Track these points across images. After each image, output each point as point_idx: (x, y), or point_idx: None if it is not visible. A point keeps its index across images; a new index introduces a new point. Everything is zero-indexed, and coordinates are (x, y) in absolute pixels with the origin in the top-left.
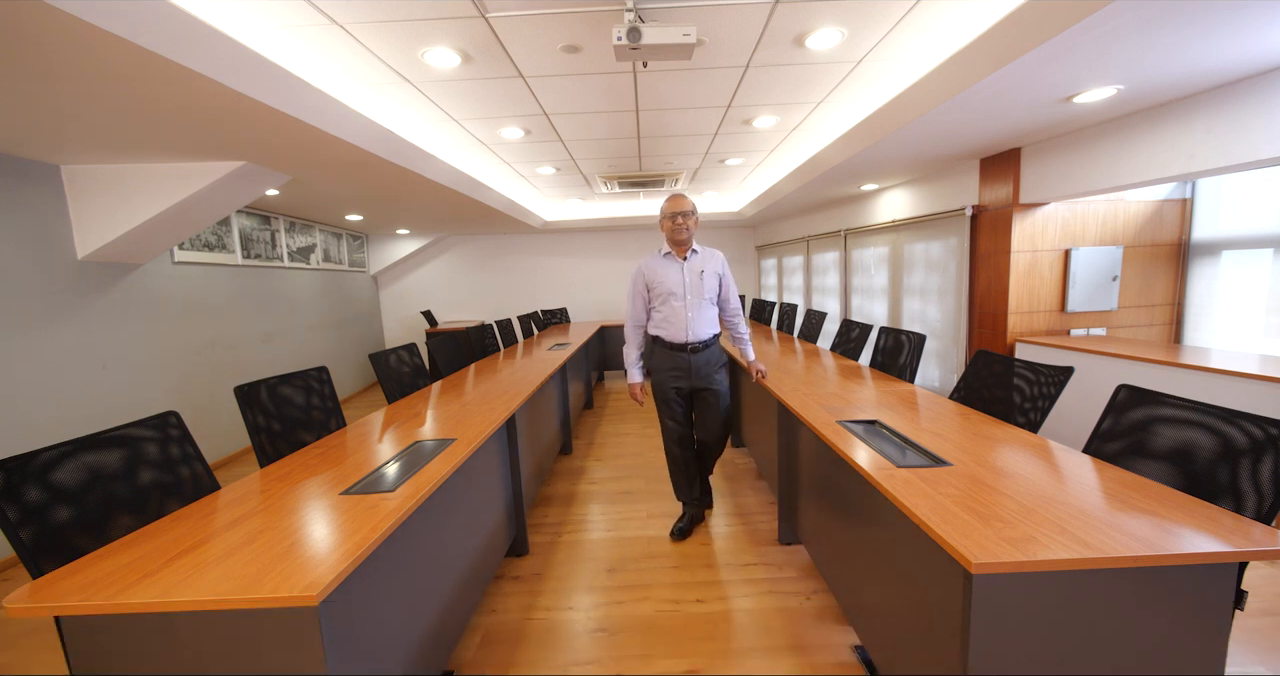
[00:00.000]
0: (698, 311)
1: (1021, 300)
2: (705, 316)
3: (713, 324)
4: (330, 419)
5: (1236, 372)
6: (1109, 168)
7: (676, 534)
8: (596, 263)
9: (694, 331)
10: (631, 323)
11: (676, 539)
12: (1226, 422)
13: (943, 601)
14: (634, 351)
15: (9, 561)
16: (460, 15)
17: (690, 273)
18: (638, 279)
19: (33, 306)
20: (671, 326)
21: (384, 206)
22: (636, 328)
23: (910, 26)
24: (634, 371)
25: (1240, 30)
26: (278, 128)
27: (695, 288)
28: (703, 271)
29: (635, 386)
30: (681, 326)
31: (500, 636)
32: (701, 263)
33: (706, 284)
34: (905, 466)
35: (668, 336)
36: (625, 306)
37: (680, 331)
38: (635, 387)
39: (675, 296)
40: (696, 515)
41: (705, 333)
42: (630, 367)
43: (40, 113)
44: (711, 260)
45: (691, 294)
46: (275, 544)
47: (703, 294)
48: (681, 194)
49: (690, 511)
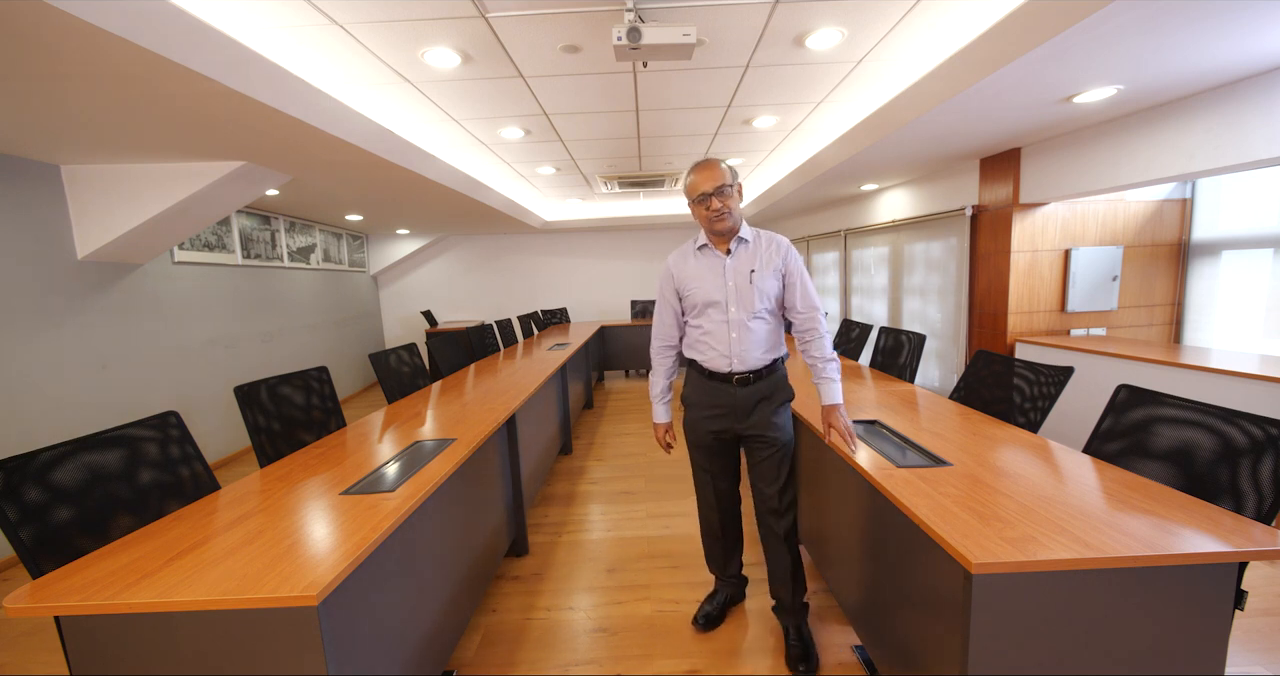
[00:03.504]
0: (747, 328)
1: (1021, 300)
2: (758, 334)
3: (772, 345)
4: (330, 419)
5: (1236, 372)
6: (1109, 168)
7: (701, 620)
8: (596, 263)
9: (741, 356)
10: (658, 341)
11: (700, 626)
12: (1226, 422)
13: (942, 601)
14: (661, 379)
15: (9, 561)
16: (460, 15)
17: (736, 273)
18: (665, 282)
19: (33, 306)
20: (710, 349)
21: (384, 206)
22: (665, 349)
23: (910, 27)
24: (659, 408)
25: (1240, 30)
26: (278, 128)
27: (743, 294)
28: (754, 270)
29: (660, 427)
30: (723, 348)
31: (500, 636)
32: (753, 257)
33: (760, 288)
34: (905, 466)
35: (706, 361)
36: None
37: (722, 356)
38: (660, 429)
39: (715, 307)
40: (734, 595)
41: (759, 357)
42: (655, 403)
43: (41, 113)
44: (770, 252)
45: (737, 303)
46: (275, 544)
47: (754, 303)
48: (712, 160)
49: (726, 590)
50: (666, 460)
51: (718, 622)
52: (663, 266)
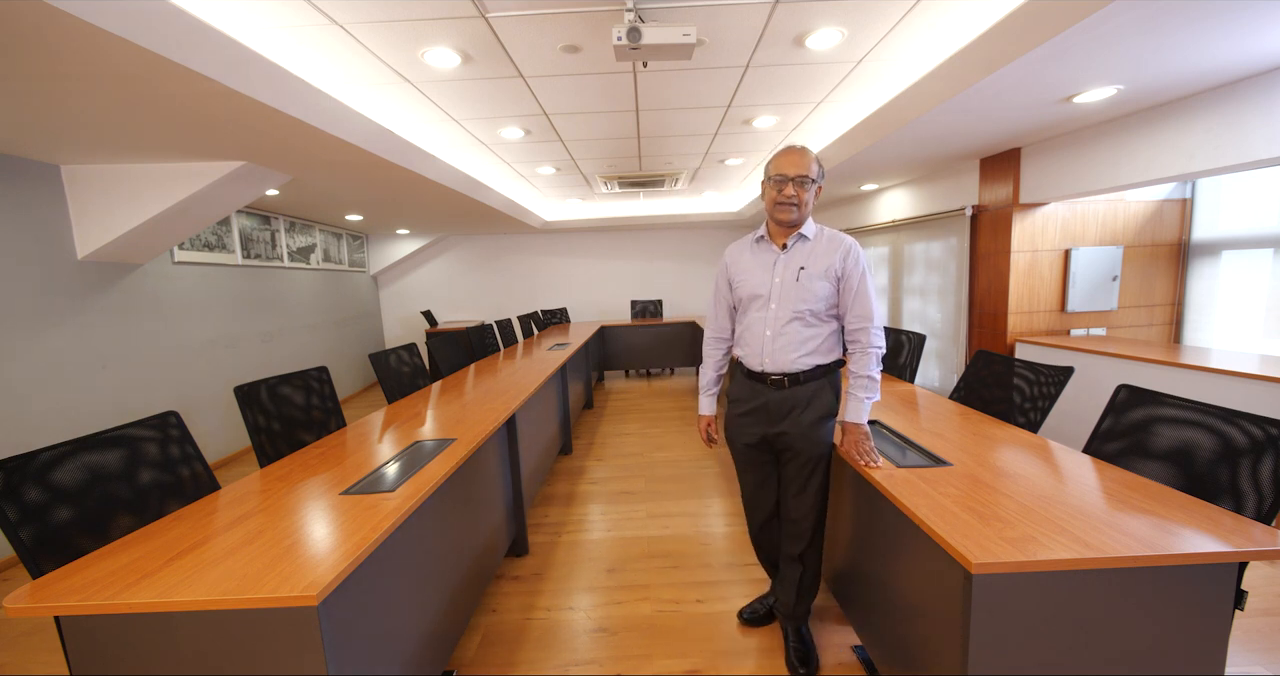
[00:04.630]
0: (783, 328)
1: (1021, 300)
2: (796, 336)
3: (813, 349)
4: (330, 419)
5: (1236, 372)
6: (1109, 168)
7: (746, 613)
8: (596, 263)
9: (774, 356)
10: (710, 333)
11: (745, 620)
12: (1226, 422)
13: (943, 601)
14: (710, 371)
15: (9, 561)
16: (460, 15)
17: (785, 268)
18: (721, 273)
19: (33, 306)
20: (747, 346)
21: (384, 206)
22: (717, 341)
23: (910, 27)
24: (704, 400)
25: (1240, 30)
26: (278, 128)
27: (787, 291)
28: (804, 268)
29: (702, 421)
30: (756, 347)
31: (500, 636)
32: (808, 255)
33: (807, 287)
34: (905, 466)
35: (744, 358)
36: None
37: (755, 354)
38: (702, 422)
39: (758, 302)
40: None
41: (794, 360)
42: (701, 394)
43: (40, 113)
44: (829, 251)
45: (779, 300)
46: (275, 544)
47: (795, 303)
48: (806, 149)
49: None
50: (666, 460)
51: (762, 621)
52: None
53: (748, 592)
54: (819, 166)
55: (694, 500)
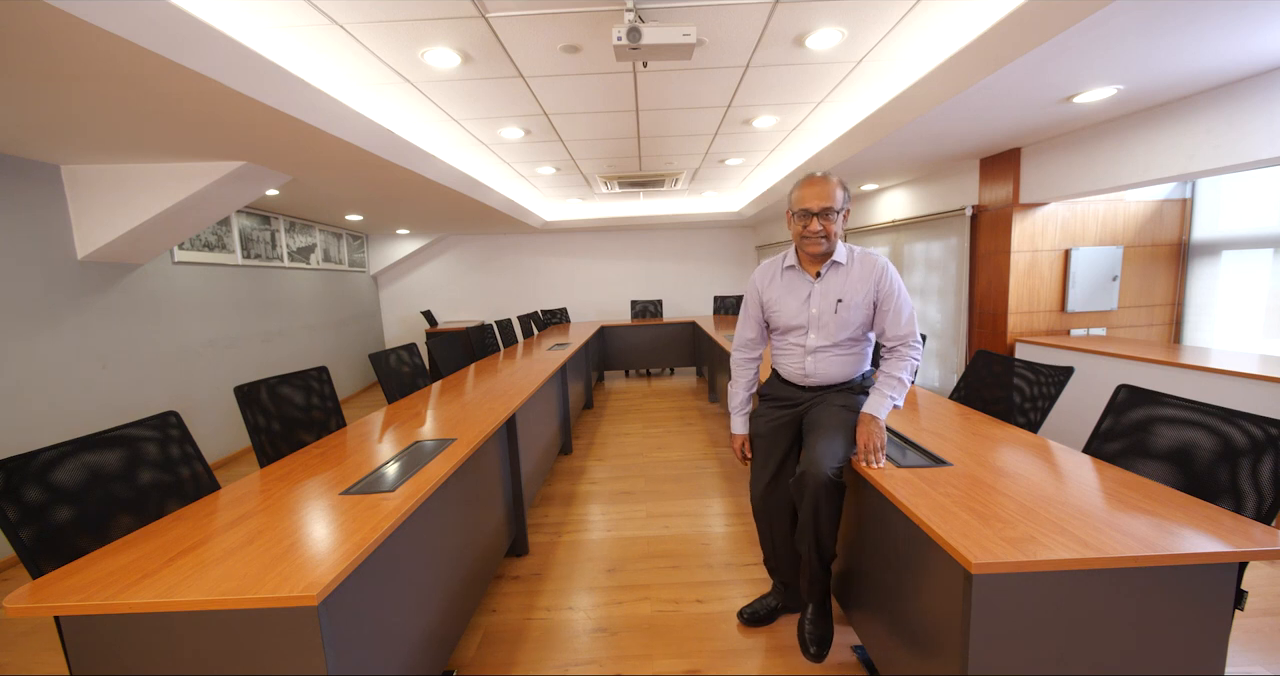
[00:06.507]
0: (825, 354)
1: (1021, 300)
2: (837, 361)
3: (851, 365)
4: (330, 419)
5: (1236, 372)
6: (1109, 168)
7: (745, 615)
8: (596, 263)
9: (814, 374)
10: (739, 352)
11: (745, 620)
12: (1226, 422)
13: (942, 601)
14: (742, 391)
15: (9, 561)
16: (460, 15)
17: (822, 299)
18: (750, 296)
19: (33, 306)
20: (789, 365)
21: (384, 206)
22: (747, 361)
23: (910, 27)
24: (736, 419)
25: (1240, 30)
26: (278, 128)
27: (825, 322)
28: (840, 300)
29: (736, 440)
30: (797, 370)
31: (500, 636)
32: (843, 284)
33: (844, 318)
34: (905, 466)
35: (782, 370)
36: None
37: (798, 372)
38: (736, 441)
39: (796, 332)
40: (788, 601)
41: (836, 374)
42: (734, 414)
43: (41, 113)
44: (863, 277)
45: (818, 330)
46: (275, 544)
47: (835, 333)
48: (828, 178)
49: (778, 596)
50: (666, 460)
51: (763, 621)
52: (750, 279)
53: (748, 593)
54: (844, 192)
55: (694, 500)
